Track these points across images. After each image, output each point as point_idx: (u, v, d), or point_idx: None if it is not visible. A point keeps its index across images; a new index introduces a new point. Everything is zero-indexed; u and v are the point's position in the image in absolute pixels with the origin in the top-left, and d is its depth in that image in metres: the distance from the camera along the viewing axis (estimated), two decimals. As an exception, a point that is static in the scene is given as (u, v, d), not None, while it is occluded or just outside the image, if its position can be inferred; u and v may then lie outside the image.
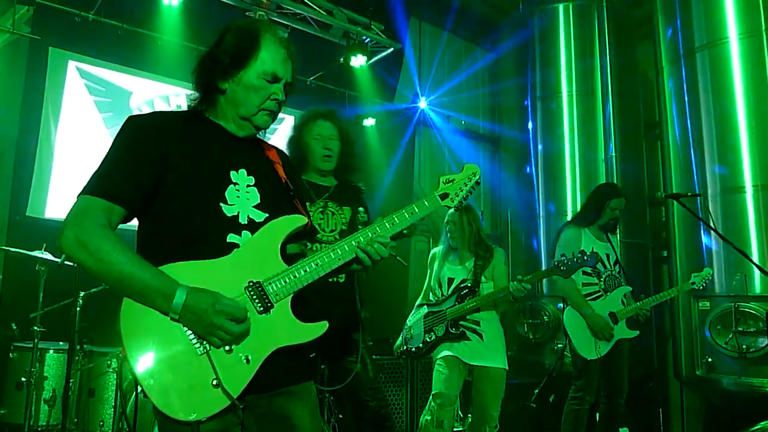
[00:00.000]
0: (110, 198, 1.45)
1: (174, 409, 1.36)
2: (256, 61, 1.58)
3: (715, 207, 5.00)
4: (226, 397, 1.38)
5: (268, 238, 1.56)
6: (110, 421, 3.70)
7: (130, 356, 1.38)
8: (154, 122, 1.60)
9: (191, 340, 1.41)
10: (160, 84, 5.50)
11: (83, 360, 3.80)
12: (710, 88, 5.18)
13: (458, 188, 1.76)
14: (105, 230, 1.42)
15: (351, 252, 1.58)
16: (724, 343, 4.77)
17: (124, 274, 1.38)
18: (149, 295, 1.38)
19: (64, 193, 4.86)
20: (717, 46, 5.16)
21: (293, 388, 1.59)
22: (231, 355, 1.43)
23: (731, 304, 4.76)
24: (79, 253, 1.39)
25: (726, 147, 5.02)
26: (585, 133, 6.31)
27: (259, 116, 1.62)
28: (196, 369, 1.40)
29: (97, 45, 5.07)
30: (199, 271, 1.46)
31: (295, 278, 1.52)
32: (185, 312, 1.38)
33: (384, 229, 1.63)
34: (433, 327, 3.61)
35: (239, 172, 1.61)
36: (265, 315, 1.48)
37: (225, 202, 1.55)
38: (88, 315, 3.78)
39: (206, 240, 1.51)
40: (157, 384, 1.37)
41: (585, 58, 6.40)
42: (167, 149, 1.53)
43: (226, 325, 1.38)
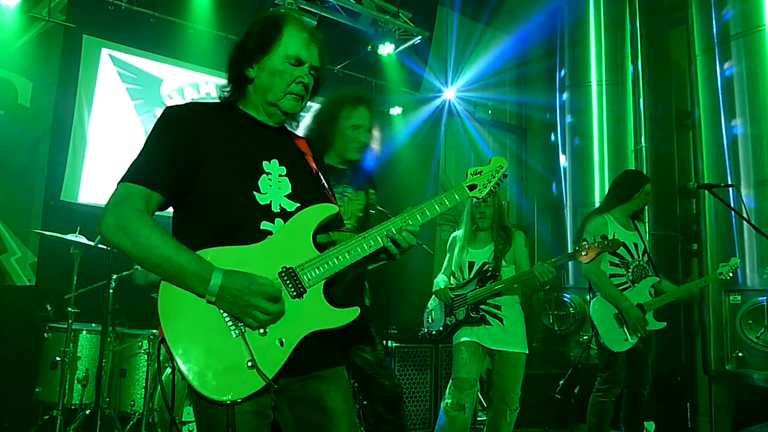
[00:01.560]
0: (148, 185, 1.50)
1: (210, 390, 1.39)
2: (279, 46, 1.62)
3: (749, 198, 4.89)
4: (261, 378, 1.41)
5: (301, 226, 1.59)
6: (141, 401, 3.79)
7: (168, 337, 1.42)
8: (190, 113, 1.64)
9: (227, 322, 1.45)
10: (190, 72, 5.57)
11: (115, 341, 3.89)
12: (745, 76, 5.06)
13: (486, 180, 1.79)
14: (143, 215, 1.46)
15: (381, 241, 1.62)
16: (755, 337, 4.69)
17: (163, 258, 1.42)
18: (186, 278, 1.42)
19: (97, 178, 4.97)
20: (752, 34, 5.03)
21: (325, 372, 1.62)
22: (265, 338, 1.46)
23: (763, 298, 4.67)
24: (119, 237, 1.44)
25: (759, 137, 4.91)
26: (615, 122, 6.20)
27: (286, 100, 1.65)
28: (232, 351, 1.43)
29: (130, 33, 5.15)
30: (234, 256, 1.50)
31: (328, 265, 1.55)
32: (222, 293, 1.42)
33: (414, 219, 1.65)
34: (453, 310, 3.63)
35: (271, 162, 1.65)
36: (298, 300, 1.51)
37: (258, 191, 1.59)
38: (121, 297, 3.87)
39: (241, 227, 1.55)
40: (194, 365, 1.41)
41: (615, 47, 6.29)
42: (203, 139, 1.58)
43: (263, 304, 1.42)
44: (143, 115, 5.28)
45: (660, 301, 3.81)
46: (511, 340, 3.53)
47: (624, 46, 6.31)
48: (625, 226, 3.93)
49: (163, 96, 5.41)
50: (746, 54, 5.07)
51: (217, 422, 1.40)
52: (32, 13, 4.68)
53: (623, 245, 3.78)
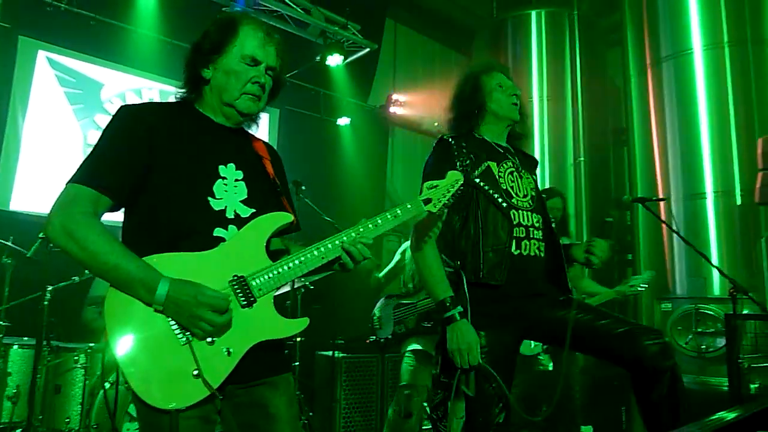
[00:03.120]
0: (98, 188, 1.45)
1: (154, 398, 1.38)
2: (234, 46, 1.61)
3: (678, 211, 5.17)
4: (206, 387, 1.40)
5: (254, 234, 1.57)
6: (77, 418, 3.63)
7: (113, 344, 1.39)
8: (145, 113, 1.59)
9: (174, 330, 1.42)
10: (132, 77, 5.43)
11: (49, 356, 3.72)
12: (674, 96, 5.36)
13: (441, 194, 1.80)
14: (91, 219, 1.43)
15: (335, 251, 1.60)
16: (684, 343, 4.94)
17: (110, 264, 1.39)
18: (133, 285, 1.40)
19: (31, 185, 4.77)
20: (682, 57, 5.34)
21: (271, 379, 1.60)
22: (213, 347, 1.44)
23: (692, 305, 4.93)
24: (66, 241, 1.40)
25: (688, 154, 5.20)
26: (554, 137, 6.45)
27: (242, 100, 1.62)
28: (178, 359, 1.41)
29: (69, 35, 4.98)
30: (184, 263, 1.47)
31: (279, 274, 1.54)
32: (168, 303, 1.39)
33: (367, 230, 1.65)
34: (403, 319, 3.66)
35: (228, 167, 1.62)
36: (248, 309, 1.49)
37: (213, 196, 1.56)
38: (56, 310, 3.71)
39: (193, 233, 1.51)
40: (139, 372, 1.39)
41: (556, 64, 6.55)
42: (157, 141, 1.53)
43: (208, 315, 1.40)
44: (82, 120, 5.11)
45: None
46: None
47: (564, 62, 6.57)
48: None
49: (104, 101, 5.25)
50: (676, 75, 5.37)
51: (160, 429, 1.38)
52: (-36, 12, 4.48)
53: None
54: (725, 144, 5.05)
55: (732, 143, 5.03)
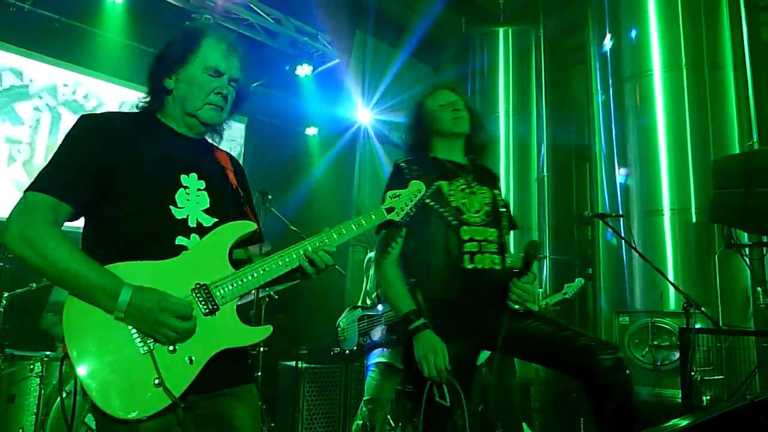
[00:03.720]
0: (58, 196, 1.45)
1: (114, 408, 1.36)
2: (197, 57, 1.62)
3: (637, 227, 5.32)
4: (168, 396, 1.39)
5: (217, 242, 1.58)
6: (31, 428, 3.54)
7: (72, 353, 1.37)
8: (106, 122, 1.60)
9: (135, 339, 1.42)
10: (97, 80, 5.35)
11: (3, 364, 3.63)
12: (635, 115, 5.53)
13: (404, 203, 1.85)
14: (51, 227, 1.42)
15: (298, 260, 1.62)
16: (641, 355, 5.06)
17: (70, 272, 1.38)
18: (94, 293, 1.39)
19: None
20: (643, 77, 5.51)
21: (235, 389, 1.60)
22: (174, 355, 1.44)
23: (648, 319, 5.06)
24: (24, 249, 1.39)
25: (647, 171, 5.36)
26: (520, 152, 6.58)
27: (204, 111, 1.64)
28: (139, 368, 1.40)
29: (33, 37, 4.89)
30: (146, 271, 1.47)
31: (242, 282, 1.55)
32: (130, 309, 1.39)
33: (331, 239, 1.67)
34: (368, 330, 3.68)
35: (190, 176, 1.62)
36: (210, 317, 1.50)
37: (175, 205, 1.56)
38: (11, 317, 3.63)
39: (155, 242, 1.52)
40: (98, 382, 1.37)
41: (522, 81, 6.69)
42: (118, 150, 1.53)
43: (171, 321, 1.40)
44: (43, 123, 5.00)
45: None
46: None
47: (530, 80, 6.72)
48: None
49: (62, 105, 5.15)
50: (638, 94, 5.54)
51: None
52: None
53: None
54: (682, 163, 5.21)
55: (689, 162, 5.18)
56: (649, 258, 4.19)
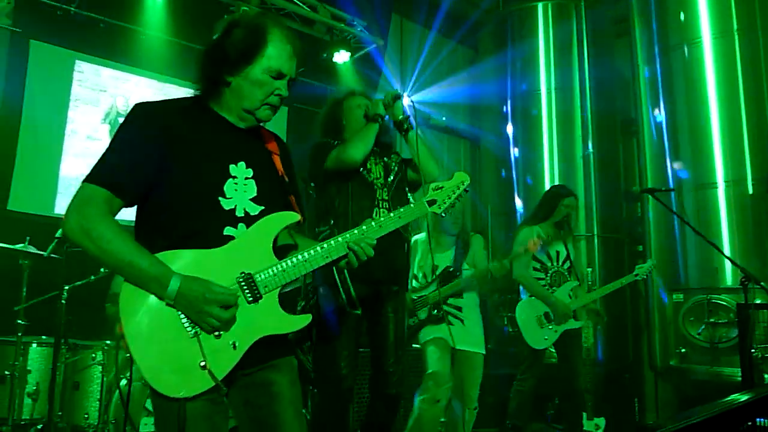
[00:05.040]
0: (112, 189, 1.52)
1: (163, 386, 1.47)
2: (262, 58, 1.61)
3: (689, 202, 5.15)
4: (212, 379, 1.47)
5: (262, 233, 1.63)
6: (95, 413, 3.71)
7: (127, 335, 1.47)
8: (159, 111, 1.64)
9: (184, 323, 1.50)
10: (141, 78, 5.49)
11: (67, 353, 3.80)
12: (684, 86, 5.33)
13: (446, 195, 1.87)
14: (106, 218, 1.50)
15: (339, 250, 1.66)
16: (696, 333, 4.93)
17: (125, 261, 1.46)
18: (146, 281, 1.47)
19: (46, 187, 4.84)
20: (691, 46, 5.30)
21: (274, 361, 1.68)
22: (219, 341, 1.52)
23: (704, 296, 4.91)
24: (82, 239, 1.48)
25: (699, 143, 5.17)
26: (563, 130, 6.42)
27: (262, 110, 1.67)
28: (186, 350, 1.48)
29: (79, 38, 5.04)
30: (194, 259, 1.53)
31: (284, 271, 1.60)
32: (179, 298, 1.47)
33: (371, 230, 1.71)
34: (416, 311, 3.72)
35: (238, 165, 1.66)
36: (254, 305, 1.56)
37: (223, 195, 1.61)
38: (73, 308, 3.78)
39: (204, 232, 1.57)
40: (150, 362, 1.47)
41: (563, 56, 6.52)
42: (170, 141, 1.58)
43: (216, 311, 1.47)
44: (93, 121, 5.17)
45: (579, 302, 4.16)
46: (471, 340, 3.73)
47: (571, 54, 6.54)
48: (550, 235, 4.25)
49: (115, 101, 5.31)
50: (685, 64, 5.34)
51: (170, 413, 1.47)
52: (-24, 18, 4.54)
53: (545, 252, 4.18)
54: (736, 133, 5.02)
55: (743, 132, 4.99)
56: (703, 232, 4.07)
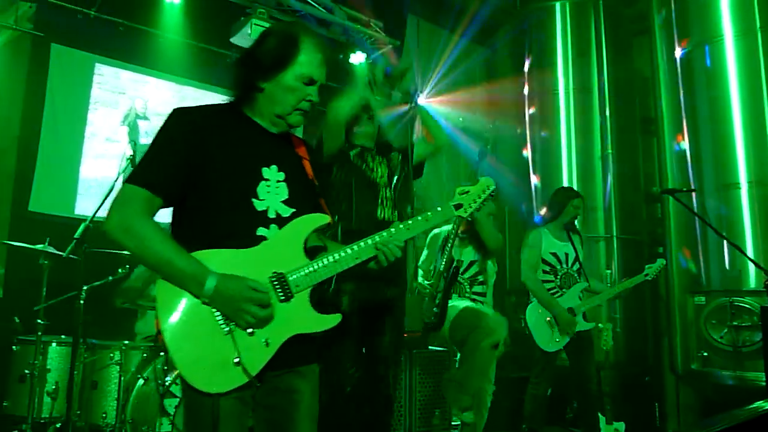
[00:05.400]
0: (152, 189, 1.59)
1: (198, 382, 1.52)
2: (294, 64, 1.69)
3: (711, 202, 5.06)
4: (246, 375, 1.54)
5: (293, 234, 1.69)
6: (113, 413, 3.73)
7: (164, 331, 1.53)
8: (196, 117, 1.71)
9: (218, 320, 1.56)
10: (159, 80, 5.54)
11: (86, 353, 3.84)
12: (705, 84, 5.24)
13: (472, 200, 1.91)
14: (146, 218, 1.57)
15: (368, 251, 1.73)
16: (719, 337, 4.83)
17: (163, 260, 1.53)
18: (184, 280, 1.54)
19: (66, 188, 4.91)
20: (712, 44, 5.22)
21: (301, 368, 1.72)
22: (253, 338, 1.57)
23: (726, 298, 4.82)
24: (123, 237, 1.55)
25: (721, 143, 5.08)
26: (581, 130, 6.35)
27: (293, 115, 1.74)
28: (221, 347, 1.54)
29: (99, 41, 5.11)
30: (229, 259, 1.59)
31: (315, 271, 1.66)
32: (215, 296, 1.53)
33: (399, 232, 1.77)
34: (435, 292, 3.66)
35: (270, 168, 1.73)
36: (285, 303, 1.62)
37: (256, 197, 1.68)
38: (92, 308, 3.82)
39: (238, 232, 1.64)
40: (185, 357, 1.53)
41: (581, 55, 6.45)
42: (206, 145, 1.65)
43: (252, 309, 1.54)
44: (112, 123, 5.23)
45: (589, 303, 4.19)
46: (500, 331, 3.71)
47: (590, 53, 6.47)
48: (559, 237, 4.27)
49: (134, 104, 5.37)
50: (706, 62, 5.25)
51: (202, 408, 1.52)
52: (-1, 22, 4.62)
53: (555, 255, 4.18)
54: (760, 132, 4.91)
55: (767, 131, 4.90)
56: (725, 234, 4.00)
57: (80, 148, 5.02)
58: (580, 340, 4.10)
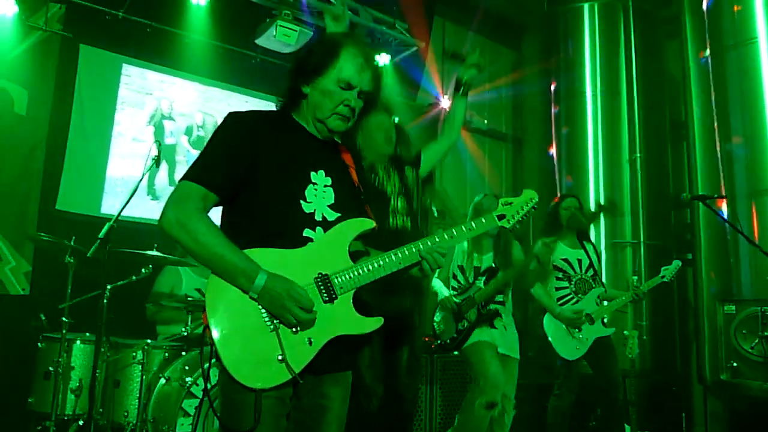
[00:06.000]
0: (207, 186, 1.65)
1: (243, 376, 1.56)
2: (333, 69, 1.75)
3: (742, 209, 4.92)
4: (289, 372, 1.57)
5: (339, 237, 1.73)
6: (134, 412, 3.76)
7: (212, 326, 1.57)
8: (250, 120, 1.78)
9: (264, 318, 1.60)
10: (185, 81, 5.58)
11: (109, 351, 3.87)
12: (738, 88, 5.11)
13: (515, 211, 1.93)
14: (201, 214, 1.63)
15: (412, 258, 1.75)
16: (749, 347, 4.70)
17: (216, 255, 1.58)
18: (235, 274, 1.58)
19: (93, 188, 4.97)
20: (746, 46, 5.08)
21: (337, 374, 1.77)
22: (297, 336, 1.61)
23: (758, 308, 4.69)
24: (179, 232, 1.60)
25: (753, 148, 4.94)
26: (609, 133, 6.24)
27: (332, 119, 1.77)
28: (266, 344, 1.59)
29: (127, 42, 5.17)
30: (277, 258, 1.64)
31: (359, 275, 1.70)
32: (264, 293, 1.57)
33: (443, 240, 1.79)
34: (464, 314, 3.68)
35: (318, 173, 1.78)
36: (329, 304, 1.66)
37: (304, 199, 1.72)
38: (115, 307, 3.85)
39: (285, 232, 1.69)
40: (231, 352, 1.57)
41: (610, 58, 6.34)
42: (259, 147, 1.71)
43: (296, 310, 1.57)
44: (139, 123, 5.29)
45: (606, 309, 4.11)
46: (510, 346, 3.73)
47: (618, 55, 6.36)
48: (570, 244, 4.24)
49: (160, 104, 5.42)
50: (740, 65, 5.11)
51: (244, 405, 1.56)
52: (29, 23, 4.69)
53: (567, 261, 4.14)
54: (795, 137, 4.78)
55: (801, 136, 4.76)
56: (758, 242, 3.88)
57: (107, 148, 5.08)
58: (601, 346, 4.03)
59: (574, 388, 4.08)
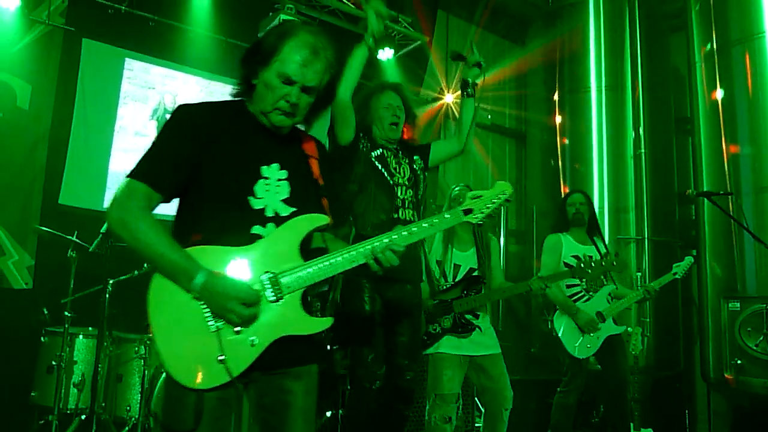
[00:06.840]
0: (152, 184, 1.60)
1: (181, 376, 1.53)
2: (276, 62, 1.65)
3: (748, 205, 4.89)
4: (228, 375, 1.53)
5: (290, 234, 1.66)
6: (137, 406, 3.77)
7: (152, 324, 1.54)
8: (199, 112, 1.72)
9: (207, 317, 1.55)
10: (188, 75, 5.57)
11: (111, 346, 3.88)
12: (744, 83, 5.07)
13: (484, 205, 1.83)
14: (144, 212, 1.58)
15: (364, 257, 1.69)
16: (754, 345, 4.68)
17: (157, 253, 1.54)
18: (175, 273, 1.55)
19: (95, 182, 4.97)
20: (753, 40, 5.04)
21: (293, 369, 1.70)
22: (239, 337, 1.56)
23: (762, 305, 4.66)
24: (120, 230, 1.57)
25: (760, 144, 4.91)
26: (614, 129, 6.20)
27: (274, 114, 1.69)
28: (207, 344, 1.54)
29: (129, 36, 5.16)
30: (222, 256, 1.60)
31: (308, 274, 1.63)
32: (203, 291, 1.53)
33: (401, 238, 1.72)
34: (437, 318, 3.46)
35: (271, 167, 1.71)
36: (275, 304, 1.60)
37: (253, 195, 1.66)
38: (117, 302, 3.86)
39: (232, 230, 1.63)
40: (171, 351, 1.54)
41: (615, 52, 6.29)
42: (206, 142, 1.66)
43: (237, 308, 1.53)
44: (142, 118, 5.28)
45: (618, 306, 4.05)
46: (490, 343, 3.54)
47: (623, 50, 6.31)
48: (581, 241, 4.17)
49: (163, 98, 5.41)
50: (746, 60, 5.07)
51: (184, 404, 1.53)
52: (32, 17, 4.68)
53: (576, 257, 4.00)
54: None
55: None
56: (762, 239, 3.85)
57: (110, 142, 5.08)
58: (612, 345, 3.99)
59: (580, 386, 4.03)
